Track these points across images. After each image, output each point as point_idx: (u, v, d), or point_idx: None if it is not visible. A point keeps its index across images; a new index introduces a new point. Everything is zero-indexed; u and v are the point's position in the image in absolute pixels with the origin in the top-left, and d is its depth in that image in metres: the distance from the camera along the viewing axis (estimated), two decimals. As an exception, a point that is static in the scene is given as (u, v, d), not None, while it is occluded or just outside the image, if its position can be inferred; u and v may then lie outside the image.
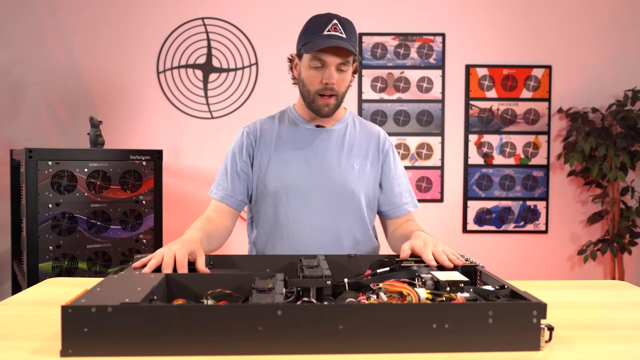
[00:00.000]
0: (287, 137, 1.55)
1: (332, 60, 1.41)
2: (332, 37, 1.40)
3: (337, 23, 1.42)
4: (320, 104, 1.46)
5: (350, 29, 1.44)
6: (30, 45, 3.08)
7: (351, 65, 1.46)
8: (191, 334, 0.80)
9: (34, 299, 1.17)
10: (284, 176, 1.51)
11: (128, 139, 3.13)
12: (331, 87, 1.43)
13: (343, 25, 1.42)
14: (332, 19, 1.43)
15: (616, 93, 3.21)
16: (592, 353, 0.85)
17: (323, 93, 1.45)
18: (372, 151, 1.58)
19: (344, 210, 1.51)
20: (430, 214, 3.22)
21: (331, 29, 1.41)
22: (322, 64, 1.42)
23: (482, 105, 3.22)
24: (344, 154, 1.54)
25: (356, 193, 1.52)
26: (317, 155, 1.53)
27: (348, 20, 1.46)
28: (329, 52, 1.40)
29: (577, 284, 1.38)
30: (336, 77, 1.43)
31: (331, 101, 1.46)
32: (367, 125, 1.65)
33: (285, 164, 1.52)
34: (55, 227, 2.34)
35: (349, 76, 1.48)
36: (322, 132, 1.55)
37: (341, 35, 1.40)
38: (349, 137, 1.57)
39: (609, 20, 3.21)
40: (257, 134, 1.57)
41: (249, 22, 3.16)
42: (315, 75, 1.44)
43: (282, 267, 1.20)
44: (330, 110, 1.48)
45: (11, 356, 0.82)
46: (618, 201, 3.09)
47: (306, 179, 1.51)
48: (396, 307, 0.84)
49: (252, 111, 3.14)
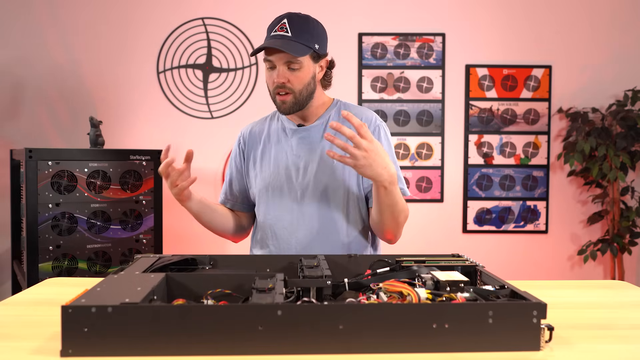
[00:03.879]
0: (272, 138, 1.58)
1: (279, 59, 1.41)
2: (275, 37, 1.40)
3: (285, 22, 1.41)
4: (278, 101, 1.47)
5: (301, 26, 1.42)
6: (30, 44, 3.08)
7: (306, 60, 1.43)
8: (191, 334, 0.80)
9: (34, 299, 1.17)
10: (267, 176, 1.54)
11: (128, 139, 3.13)
12: (281, 85, 1.43)
13: (292, 23, 1.41)
14: (283, 18, 1.42)
15: (616, 93, 3.21)
16: (592, 353, 0.85)
17: (278, 92, 1.45)
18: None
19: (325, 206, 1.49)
20: (430, 214, 3.22)
21: (278, 28, 1.41)
22: (271, 65, 1.44)
23: (482, 105, 3.22)
24: (324, 150, 1.51)
25: (336, 188, 1.49)
26: (296, 154, 1.53)
27: (303, 16, 1.45)
28: (273, 52, 1.41)
29: (577, 284, 1.38)
30: (285, 76, 1.42)
31: (287, 98, 1.45)
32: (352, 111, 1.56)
33: (267, 165, 1.55)
34: (55, 227, 2.34)
35: (305, 73, 1.44)
36: (303, 130, 1.54)
37: (285, 34, 1.40)
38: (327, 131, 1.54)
39: (609, 20, 3.21)
40: (247, 138, 1.63)
41: (249, 22, 3.16)
42: (269, 75, 1.46)
43: (282, 267, 1.20)
44: (289, 107, 1.46)
45: (11, 356, 0.82)
46: (618, 201, 3.09)
47: (285, 178, 1.52)
48: (396, 307, 0.84)
49: (252, 111, 3.14)
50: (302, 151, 1.53)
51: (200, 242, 2.90)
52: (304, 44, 1.41)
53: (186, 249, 3.12)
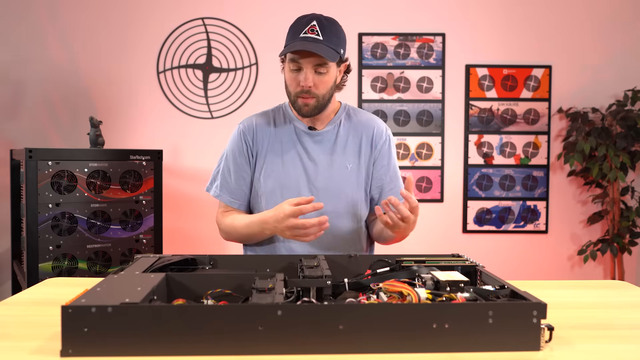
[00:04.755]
0: (281, 136, 1.55)
1: (308, 62, 1.40)
2: (306, 40, 1.38)
3: (315, 24, 1.39)
4: (300, 104, 1.46)
5: (330, 30, 1.41)
6: (30, 45, 3.08)
7: (333, 66, 1.44)
8: (191, 334, 0.80)
9: (34, 299, 1.17)
10: (280, 176, 1.52)
11: (128, 139, 3.13)
12: (307, 89, 1.42)
13: (322, 26, 1.39)
14: (312, 20, 1.40)
15: (616, 93, 3.21)
16: (592, 353, 0.85)
17: (301, 95, 1.44)
18: (364, 147, 1.55)
19: (338, 211, 1.50)
20: (430, 214, 3.22)
21: (308, 31, 1.38)
22: (298, 67, 1.41)
23: (482, 105, 3.22)
24: (337, 154, 1.53)
25: (349, 194, 1.52)
26: (310, 157, 1.53)
27: (331, 20, 1.43)
28: (303, 55, 1.39)
29: (577, 284, 1.38)
30: (313, 80, 1.41)
31: (310, 102, 1.45)
32: (362, 119, 1.59)
33: (280, 164, 1.52)
34: (55, 227, 2.34)
35: (331, 77, 1.45)
36: (317, 134, 1.54)
37: (317, 38, 1.38)
38: (340, 138, 1.55)
39: (609, 20, 3.21)
40: (254, 132, 1.58)
41: (249, 22, 3.16)
42: (294, 77, 1.44)
43: (282, 267, 1.20)
44: (310, 110, 1.46)
45: (11, 356, 0.82)
46: (618, 201, 3.09)
47: (301, 180, 1.51)
48: (396, 307, 0.84)
49: (252, 111, 3.07)
50: (317, 155, 1.53)
51: (200, 242, 2.90)
52: (334, 49, 1.40)
53: (186, 249, 3.12)
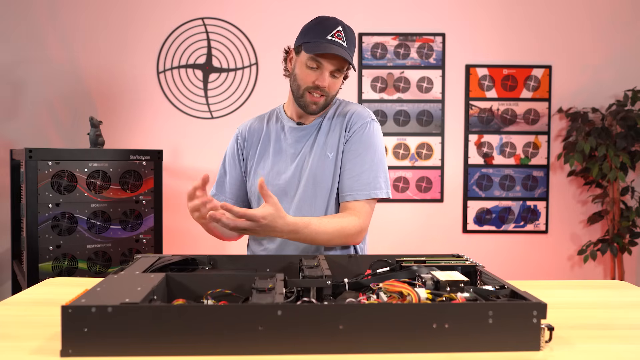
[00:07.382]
0: (271, 137, 1.59)
1: (329, 65, 1.45)
2: (334, 44, 1.43)
3: (340, 30, 1.46)
4: (309, 100, 1.49)
5: (351, 38, 1.48)
6: (30, 45, 3.09)
7: (344, 72, 1.52)
8: (191, 334, 0.80)
9: (34, 299, 1.17)
10: (267, 175, 1.55)
11: (128, 139, 3.13)
12: (322, 88, 1.47)
13: (346, 34, 1.46)
14: (338, 25, 1.46)
15: (616, 93, 3.21)
16: (592, 353, 0.85)
17: (313, 92, 1.48)
18: (341, 134, 1.54)
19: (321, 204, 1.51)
20: (430, 214, 3.22)
21: (335, 35, 1.45)
22: (318, 66, 1.45)
23: (482, 105, 3.22)
24: (319, 145, 1.53)
25: (329, 182, 1.51)
26: (296, 151, 1.55)
27: (351, 28, 1.50)
28: (327, 57, 1.44)
29: (577, 284, 1.38)
30: (329, 82, 1.47)
31: (321, 100, 1.49)
32: (345, 108, 1.59)
33: (269, 163, 1.56)
34: (55, 227, 2.34)
35: (340, 81, 1.53)
36: (301, 129, 1.56)
37: (343, 44, 1.45)
38: (323, 127, 1.55)
39: (609, 20, 3.21)
40: (246, 136, 1.63)
41: (249, 22, 3.16)
42: (309, 74, 1.47)
43: (282, 267, 1.20)
44: (318, 108, 1.51)
45: (11, 356, 0.82)
46: (618, 201, 3.09)
47: (287, 175, 1.53)
48: (396, 307, 0.84)
49: (252, 111, 3.13)
50: (302, 147, 1.55)
51: (200, 242, 2.90)
52: (351, 56, 1.48)
53: (186, 249, 3.12)
